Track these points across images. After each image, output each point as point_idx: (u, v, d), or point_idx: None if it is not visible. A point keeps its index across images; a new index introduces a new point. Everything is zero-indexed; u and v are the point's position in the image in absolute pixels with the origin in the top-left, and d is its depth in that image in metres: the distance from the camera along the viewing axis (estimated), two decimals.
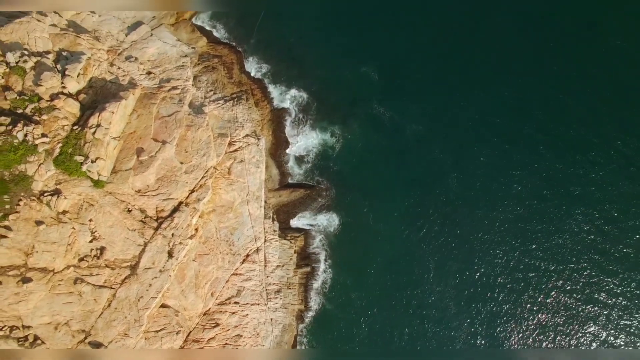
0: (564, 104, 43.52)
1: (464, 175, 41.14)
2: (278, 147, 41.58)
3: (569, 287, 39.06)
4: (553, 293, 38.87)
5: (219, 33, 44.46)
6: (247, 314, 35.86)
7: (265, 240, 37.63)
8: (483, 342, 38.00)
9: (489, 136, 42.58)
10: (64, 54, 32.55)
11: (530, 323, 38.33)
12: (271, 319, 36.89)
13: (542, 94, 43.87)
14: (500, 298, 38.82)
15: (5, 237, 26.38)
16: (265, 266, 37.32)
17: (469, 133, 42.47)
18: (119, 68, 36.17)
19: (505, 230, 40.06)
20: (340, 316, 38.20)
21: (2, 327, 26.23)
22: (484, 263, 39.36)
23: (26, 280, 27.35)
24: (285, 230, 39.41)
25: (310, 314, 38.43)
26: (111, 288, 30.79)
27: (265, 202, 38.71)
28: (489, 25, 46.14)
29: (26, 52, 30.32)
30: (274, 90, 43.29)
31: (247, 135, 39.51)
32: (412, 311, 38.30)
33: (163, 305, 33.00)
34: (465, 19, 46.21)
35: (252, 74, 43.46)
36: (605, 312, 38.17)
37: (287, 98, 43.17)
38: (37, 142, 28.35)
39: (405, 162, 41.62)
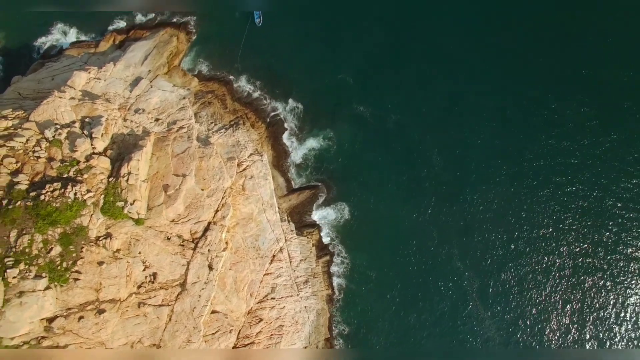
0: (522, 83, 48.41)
1: (443, 150, 45.52)
2: (279, 158, 45.21)
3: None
4: (545, 257, 43.20)
5: (206, 71, 48.07)
6: (284, 306, 39.54)
7: (285, 240, 41.35)
8: (484, 301, 42.07)
9: (460, 113, 46.88)
10: (87, 120, 36.74)
11: (527, 306, 42.25)
12: (305, 307, 40.43)
13: (498, 76, 48.86)
14: (496, 257, 43.23)
15: (78, 279, 31.49)
16: (290, 262, 40.99)
17: (440, 115, 46.70)
18: (132, 121, 39.73)
19: (489, 197, 44.64)
20: (363, 293, 42.07)
21: None
22: (475, 224, 43.74)
23: (101, 311, 31.61)
24: (300, 228, 43.00)
25: (338, 295, 41.90)
26: (168, 305, 34.21)
27: (279, 207, 42.18)
28: (446, 21, 50.70)
29: (58, 126, 34.62)
30: (265, 110, 46.71)
31: (251, 154, 43.15)
32: (423, 278, 42.34)
33: (213, 311, 36.28)
34: (422, 20, 50.86)
35: (243, 100, 46.75)
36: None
37: (277, 114, 46.68)
38: (85, 197, 32.54)
39: (392, 148, 45.85)
